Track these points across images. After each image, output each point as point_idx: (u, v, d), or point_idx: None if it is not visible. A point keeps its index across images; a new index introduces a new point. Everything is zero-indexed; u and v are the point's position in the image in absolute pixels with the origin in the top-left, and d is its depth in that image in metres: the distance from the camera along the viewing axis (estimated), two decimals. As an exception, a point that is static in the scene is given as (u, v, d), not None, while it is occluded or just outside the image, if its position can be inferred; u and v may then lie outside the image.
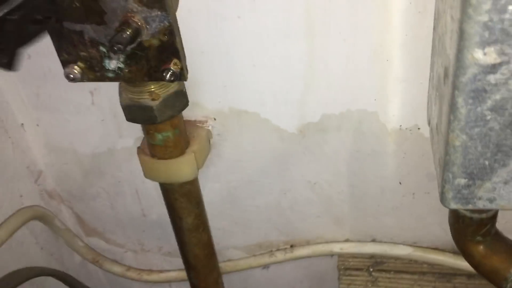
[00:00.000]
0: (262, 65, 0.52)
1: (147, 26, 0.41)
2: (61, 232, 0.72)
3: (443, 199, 0.33)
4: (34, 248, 0.70)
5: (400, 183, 0.60)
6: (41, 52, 0.55)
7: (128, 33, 0.40)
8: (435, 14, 0.38)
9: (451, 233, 0.55)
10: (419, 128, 0.54)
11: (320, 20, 0.48)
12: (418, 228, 0.64)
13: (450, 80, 0.28)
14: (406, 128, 0.54)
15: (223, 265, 0.73)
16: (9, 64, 0.36)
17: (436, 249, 0.65)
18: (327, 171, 0.61)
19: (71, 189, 0.71)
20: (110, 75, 0.45)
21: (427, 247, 0.65)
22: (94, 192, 0.71)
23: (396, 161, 0.58)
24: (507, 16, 0.24)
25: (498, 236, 0.55)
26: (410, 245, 0.65)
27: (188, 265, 0.66)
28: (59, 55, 0.45)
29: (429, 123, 0.42)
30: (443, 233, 0.62)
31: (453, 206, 0.33)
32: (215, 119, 0.58)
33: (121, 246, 0.78)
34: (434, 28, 0.39)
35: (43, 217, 0.68)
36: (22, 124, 0.64)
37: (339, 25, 0.48)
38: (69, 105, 0.61)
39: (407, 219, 0.63)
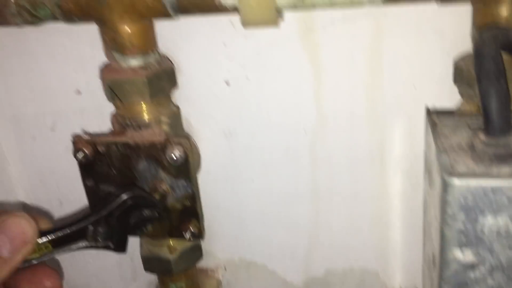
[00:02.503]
0: (271, 221, 0.57)
1: (173, 193, 0.47)
2: None
3: None
4: None
5: None
6: (73, 200, 0.61)
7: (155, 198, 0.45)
8: (424, 202, 0.44)
9: None
10: (418, 289, 0.57)
11: (325, 187, 0.54)
12: None
13: (437, 269, 0.32)
14: (405, 288, 0.57)
15: None
16: (117, 248, 0.43)
17: None
18: (332, 322, 0.62)
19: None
20: (136, 232, 0.50)
21: None
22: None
23: (397, 318, 0.60)
24: (478, 226, 0.29)
25: None
26: None
27: None
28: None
29: (423, 293, 0.45)
30: None
31: None
32: (225, 269, 0.61)
33: None
34: (424, 213, 0.44)
35: None
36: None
37: (341, 192, 0.54)
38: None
39: None
